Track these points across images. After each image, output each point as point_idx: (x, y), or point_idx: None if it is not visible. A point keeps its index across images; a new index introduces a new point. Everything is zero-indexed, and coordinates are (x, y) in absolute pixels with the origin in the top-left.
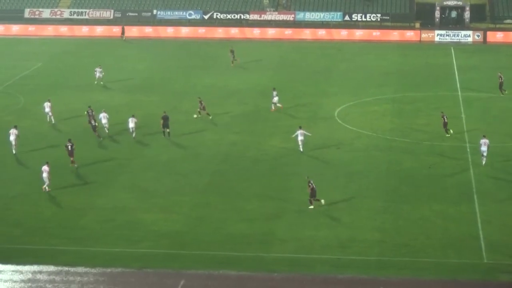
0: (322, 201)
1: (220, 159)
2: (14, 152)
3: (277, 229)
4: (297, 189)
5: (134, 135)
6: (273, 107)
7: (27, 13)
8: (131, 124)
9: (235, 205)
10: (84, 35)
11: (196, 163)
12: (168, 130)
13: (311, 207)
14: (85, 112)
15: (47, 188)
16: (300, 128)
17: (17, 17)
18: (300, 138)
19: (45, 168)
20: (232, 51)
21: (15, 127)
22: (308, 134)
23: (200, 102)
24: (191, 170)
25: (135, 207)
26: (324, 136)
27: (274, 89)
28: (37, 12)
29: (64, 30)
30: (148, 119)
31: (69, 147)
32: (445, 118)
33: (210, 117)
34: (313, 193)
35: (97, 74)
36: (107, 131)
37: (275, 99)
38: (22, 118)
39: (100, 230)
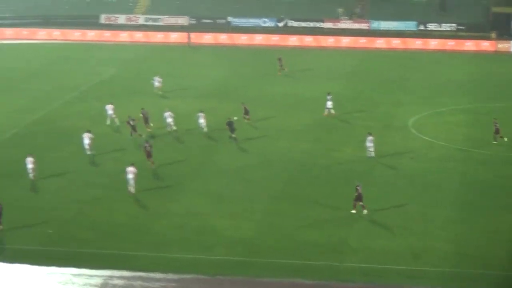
0: (365, 211)
1: (292, 167)
2: (89, 153)
3: (349, 237)
4: (370, 197)
5: (205, 129)
6: (325, 112)
7: (103, 19)
8: (201, 119)
9: (307, 212)
10: (158, 42)
11: (269, 170)
12: (234, 135)
13: (353, 211)
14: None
15: (132, 190)
16: (370, 134)
17: (93, 23)
18: (369, 144)
19: (131, 169)
20: (279, 59)
21: (89, 131)
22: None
23: (244, 108)
24: (263, 177)
25: (207, 212)
26: (397, 145)
27: (328, 94)
28: (112, 18)
29: (139, 36)
30: (221, 126)
31: (147, 147)
32: (497, 125)
33: (246, 121)
34: (358, 197)
35: (155, 84)
36: (171, 128)
37: (329, 103)
38: (96, 124)
39: (173, 235)
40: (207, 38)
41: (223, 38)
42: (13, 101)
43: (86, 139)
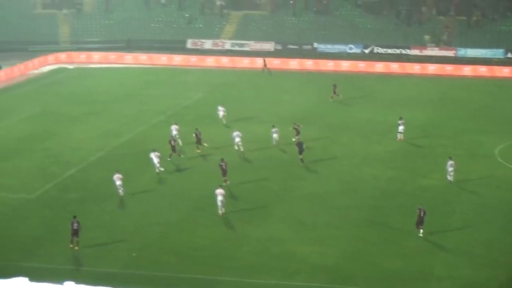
0: (421, 231)
1: (378, 194)
2: (157, 170)
3: (434, 266)
4: (454, 226)
5: (275, 142)
6: (398, 137)
7: (189, 44)
8: (275, 135)
9: (391, 240)
10: (244, 67)
11: (353, 197)
12: (301, 156)
13: (420, 234)
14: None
15: (223, 210)
16: (450, 159)
17: (180, 48)
18: (449, 168)
19: (220, 191)
20: (334, 86)
21: (154, 150)
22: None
23: (296, 128)
24: (347, 204)
25: (290, 238)
26: (483, 174)
27: (400, 119)
28: (199, 43)
29: (225, 61)
30: (307, 153)
31: (223, 166)
32: None
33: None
34: (419, 220)
35: (220, 113)
36: (241, 149)
37: (400, 128)
38: (184, 147)
39: (256, 261)
40: (293, 64)
41: (308, 64)
42: (100, 124)
43: (155, 158)
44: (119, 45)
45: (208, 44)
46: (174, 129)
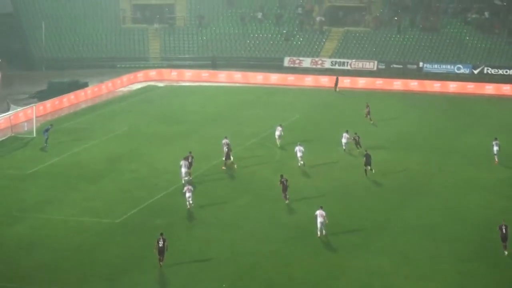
0: (506, 252)
1: (487, 226)
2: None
3: None
4: None
5: (344, 148)
6: (496, 159)
7: (286, 62)
8: (344, 139)
9: (500, 274)
10: (345, 87)
11: (460, 229)
12: (370, 167)
13: (505, 252)
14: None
15: (323, 232)
16: None
17: (276, 66)
18: None
19: (320, 213)
20: (367, 106)
21: (189, 155)
22: None
23: (355, 138)
24: (454, 236)
25: (392, 272)
26: None
27: (495, 139)
28: (297, 61)
29: (324, 80)
30: (411, 179)
31: (284, 182)
32: None
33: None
34: (503, 237)
35: (277, 133)
36: (300, 163)
37: (495, 149)
38: (277, 171)
39: None
40: (396, 84)
41: (413, 84)
42: (190, 146)
43: (183, 167)
44: (217, 63)
45: (306, 62)
46: (224, 144)
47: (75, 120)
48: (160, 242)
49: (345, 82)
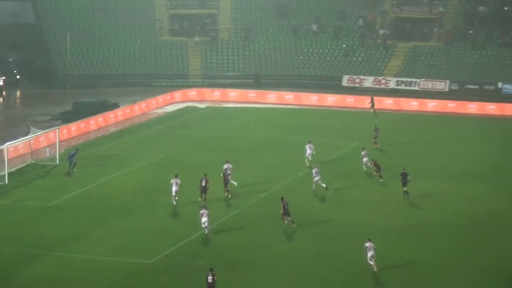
0: None
1: None
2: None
3: None
4: None
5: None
6: None
7: (345, 81)
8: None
9: None
10: (411, 110)
11: None
12: (405, 189)
13: None
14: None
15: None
16: None
17: (334, 85)
18: None
19: (370, 245)
20: (376, 130)
21: (176, 176)
22: None
23: (375, 164)
24: None
25: None
26: None
27: None
28: (357, 80)
29: (388, 103)
30: (484, 215)
31: (285, 206)
32: None
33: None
34: None
35: (308, 151)
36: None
37: None
38: (336, 206)
39: None
40: (471, 107)
41: (491, 108)
42: (235, 177)
43: (174, 185)
44: (255, 81)
45: (368, 81)
46: (228, 169)
47: (103, 146)
48: (209, 277)
49: (412, 105)
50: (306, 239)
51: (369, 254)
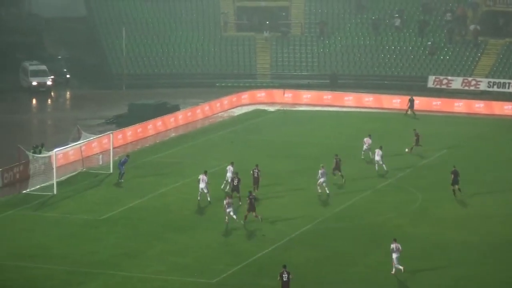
0: None
1: None
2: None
3: None
4: None
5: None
6: None
7: (431, 82)
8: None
9: None
10: (506, 114)
11: None
12: (458, 186)
13: None
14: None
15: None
16: None
17: (418, 87)
18: None
19: (397, 246)
20: (416, 135)
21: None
22: None
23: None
24: None
25: None
26: None
27: None
28: (444, 81)
29: (479, 106)
30: None
31: (252, 200)
32: None
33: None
34: None
35: (365, 146)
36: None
37: None
38: (419, 223)
39: None
40: None
41: None
42: (307, 187)
43: (202, 182)
44: (331, 81)
45: (456, 82)
46: (229, 170)
47: (162, 153)
48: (284, 275)
49: (506, 108)
50: (382, 257)
51: (394, 256)
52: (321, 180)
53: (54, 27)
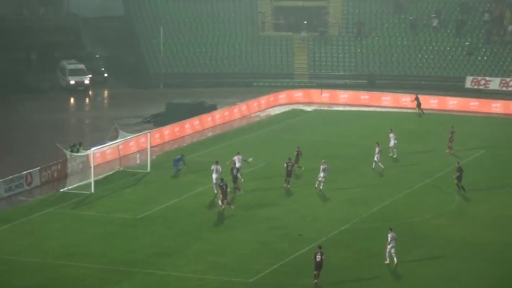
0: None
1: None
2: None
3: None
4: None
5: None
6: None
7: (468, 83)
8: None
9: None
10: None
11: None
12: (460, 183)
13: None
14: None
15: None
16: None
17: (456, 87)
18: None
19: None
20: (452, 132)
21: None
22: None
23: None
24: None
25: None
26: None
27: None
28: (482, 82)
29: None
30: None
31: (224, 187)
32: None
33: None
34: None
35: (392, 141)
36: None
37: None
38: (456, 224)
39: None
40: None
41: None
42: (345, 187)
43: (215, 172)
44: (369, 81)
45: (494, 83)
46: (237, 160)
47: (199, 152)
48: (317, 256)
49: None
50: (420, 258)
51: (389, 246)
52: (321, 175)
53: (92, 26)
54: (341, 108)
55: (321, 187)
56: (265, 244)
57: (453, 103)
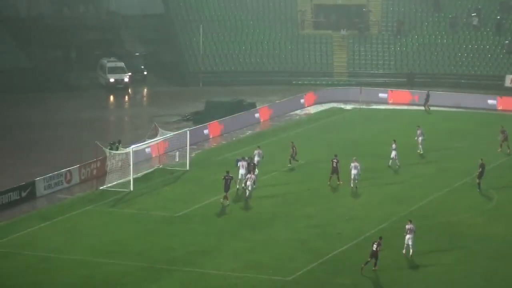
0: None
1: None
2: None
3: None
4: None
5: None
6: None
7: (508, 81)
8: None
9: None
10: None
11: None
12: (478, 181)
13: None
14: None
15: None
16: None
17: (495, 86)
18: None
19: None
20: (503, 132)
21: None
22: None
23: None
24: None
25: None
26: None
27: None
28: None
29: None
30: None
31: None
32: None
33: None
34: None
35: (419, 139)
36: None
37: None
38: (494, 223)
39: None
40: None
41: None
42: (384, 186)
43: (242, 168)
44: (408, 80)
45: None
46: (257, 155)
47: (238, 150)
48: (374, 244)
49: None
50: (458, 257)
51: (407, 236)
52: (353, 172)
53: (132, 24)
54: (381, 107)
55: (356, 185)
56: (303, 242)
57: (492, 101)
